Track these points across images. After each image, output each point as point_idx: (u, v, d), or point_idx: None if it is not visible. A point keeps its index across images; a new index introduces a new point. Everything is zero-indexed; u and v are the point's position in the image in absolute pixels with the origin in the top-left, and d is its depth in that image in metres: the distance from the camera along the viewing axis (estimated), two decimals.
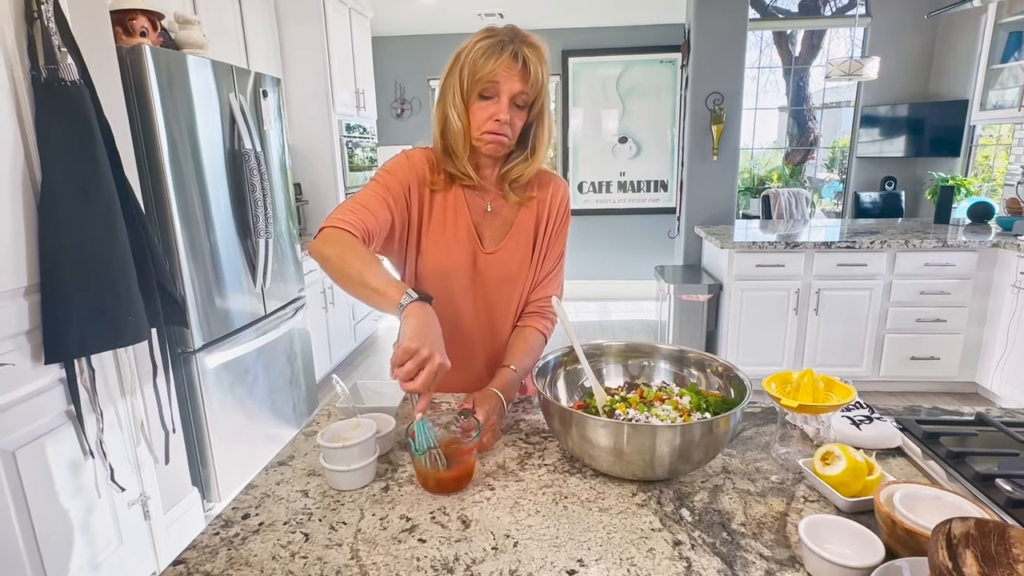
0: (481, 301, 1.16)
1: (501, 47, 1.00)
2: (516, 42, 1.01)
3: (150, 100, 1.94)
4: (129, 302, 1.60)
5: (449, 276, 1.13)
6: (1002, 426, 0.94)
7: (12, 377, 1.43)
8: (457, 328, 1.16)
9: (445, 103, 1.06)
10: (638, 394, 0.98)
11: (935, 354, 3.16)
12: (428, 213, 1.12)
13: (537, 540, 0.73)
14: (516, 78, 1.01)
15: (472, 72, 1.01)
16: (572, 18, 4.86)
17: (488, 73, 1.00)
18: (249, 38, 3.16)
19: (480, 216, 1.15)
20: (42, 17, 1.45)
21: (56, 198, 1.47)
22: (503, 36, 1.02)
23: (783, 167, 7.11)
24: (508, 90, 1.01)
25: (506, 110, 1.02)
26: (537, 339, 1.18)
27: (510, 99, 1.02)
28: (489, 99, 1.03)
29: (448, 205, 1.12)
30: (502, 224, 1.16)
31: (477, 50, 1.01)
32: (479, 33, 1.03)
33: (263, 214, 2.41)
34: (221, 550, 0.73)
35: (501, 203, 1.16)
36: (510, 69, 1.00)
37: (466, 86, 1.03)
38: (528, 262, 1.18)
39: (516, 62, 1.00)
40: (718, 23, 3.55)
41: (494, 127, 1.03)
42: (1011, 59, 3.36)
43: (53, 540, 1.53)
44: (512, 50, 1.00)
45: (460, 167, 1.10)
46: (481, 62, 1.00)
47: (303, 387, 2.94)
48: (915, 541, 0.64)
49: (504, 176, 1.13)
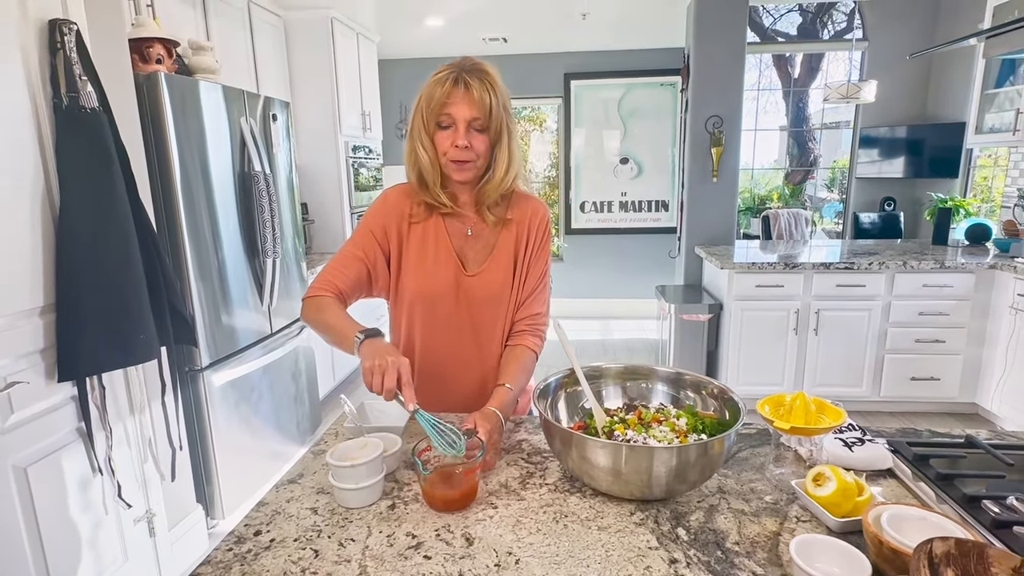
0: (467, 322, 1.22)
1: (450, 78, 1.08)
2: (463, 71, 1.09)
3: (164, 125, 2.00)
4: (141, 321, 1.64)
5: (434, 300, 1.20)
6: (990, 449, 0.96)
7: (26, 395, 1.46)
8: (446, 350, 1.22)
9: (413, 139, 1.15)
10: (636, 415, 1.01)
11: (935, 375, 3.18)
12: (408, 244, 1.20)
13: (538, 557, 0.76)
14: (466, 104, 1.08)
15: (428, 105, 1.10)
16: (574, 42, 4.96)
17: (439, 105, 1.08)
18: (259, 63, 3.24)
19: (462, 240, 1.21)
20: (65, 48, 1.51)
21: (74, 220, 1.52)
22: (452, 68, 1.10)
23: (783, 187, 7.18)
24: (462, 116, 1.09)
25: (463, 135, 1.09)
26: (529, 357, 1.22)
27: (466, 125, 1.09)
28: (447, 128, 1.11)
29: (428, 234, 1.20)
30: (484, 247, 1.22)
31: (431, 84, 1.10)
32: (437, 70, 1.12)
33: (271, 234, 2.46)
34: (234, 565, 0.76)
35: (481, 226, 1.22)
36: (458, 96, 1.08)
37: (426, 119, 1.11)
38: (511, 282, 1.23)
39: (461, 88, 1.08)
40: (717, 48, 3.63)
41: (455, 153, 1.10)
42: (1006, 84, 3.43)
43: (61, 555, 1.56)
44: (456, 78, 1.08)
45: (434, 196, 1.17)
46: (436, 95, 1.08)
47: (307, 404, 2.97)
48: (901, 560, 0.67)
49: (478, 199, 1.20)
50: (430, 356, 1.23)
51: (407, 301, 1.21)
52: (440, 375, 1.23)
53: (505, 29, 4.55)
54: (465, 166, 1.12)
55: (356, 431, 1.04)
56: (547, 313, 1.29)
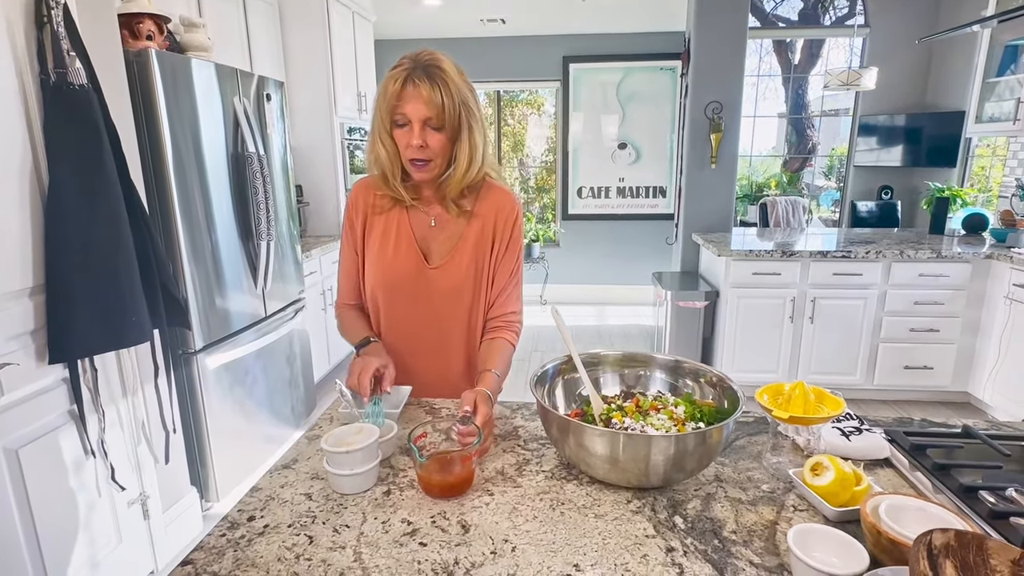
0: (429, 313, 1.22)
1: (404, 76, 1.04)
2: (416, 69, 1.04)
3: (156, 103, 1.96)
4: (132, 303, 1.62)
5: (394, 288, 1.21)
6: (987, 439, 0.96)
7: (16, 376, 1.45)
8: (406, 337, 1.24)
9: (373, 133, 1.13)
10: (634, 403, 1.00)
11: (928, 364, 3.20)
12: (370, 233, 1.21)
13: (535, 545, 0.76)
14: (420, 103, 1.04)
15: (384, 102, 1.07)
16: (573, 24, 4.89)
17: (394, 103, 1.06)
18: (253, 41, 3.18)
19: (424, 231, 1.20)
20: (52, 22, 1.47)
21: (62, 200, 1.49)
22: (406, 64, 1.06)
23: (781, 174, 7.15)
24: (416, 115, 1.05)
25: (418, 134, 1.06)
26: (508, 348, 1.23)
27: (420, 124, 1.06)
28: (404, 126, 1.08)
29: (391, 224, 1.20)
30: (448, 238, 1.20)
31: (387, 81, 1.06)
32: (395, 63, 1.07)
33: (265, 216, 2.43)
34: (228, 551, 0.75)
35: (446, 218, 1.20)
36: (411, 96, 1.04)
37: (383, 116, 1.08)
38: (474, 275, 1.21)
39: (413, 88, 1.04)
40: (718, 32, 3.59)
41: (412, 153, 1.08)
42: (1007, 72, 3.40)
43: (54, 537, 1.55)
44: (408, 77, 1.04)
45: (394, 190, 1.16)
46: (389, 92, 1.05)
47: (302, 388, 2.96)
48: (899, 551, 0.67)
49: (441, 192, 1.18)
50: (392, 345, 1.23)
51: (370, 289, 1.23)
52: (402, 364, 1.21)
53: (504, 10, 4.48)
54: (424, 166, 1.10)
55: (351, 416, 1.03)
56: (521, 311, 1.28)
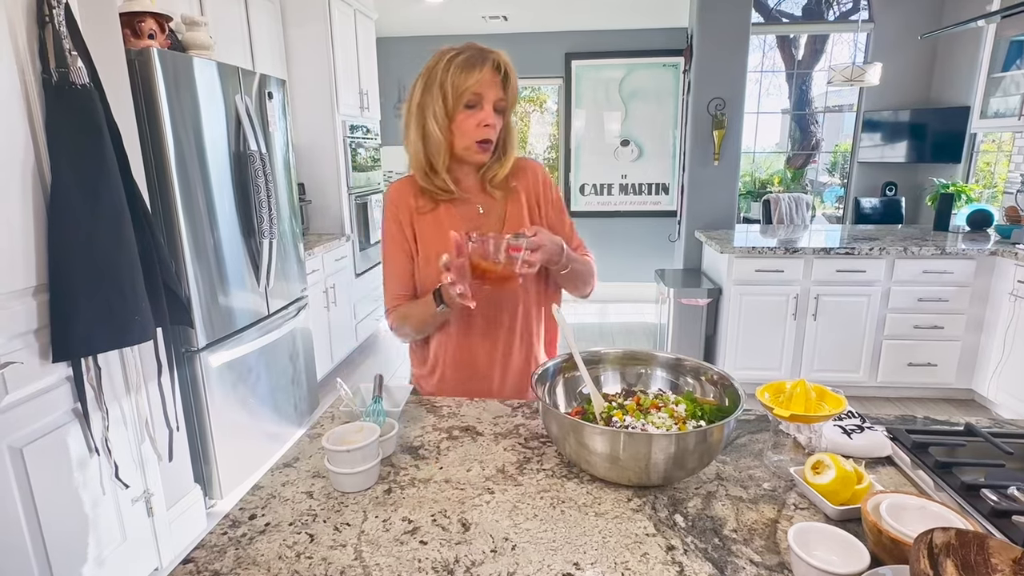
0: (487, 301, 1.20)
1: (481, 59, 1.09)
2: (492, 55, 1.10)
3: (157, 102, 1.96)
4: (135, 302, 1.62)
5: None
6: (989, 437, 0.96)
7: (20, 375, 1.45)
8: (470, 332, 1.23)
9: (425, 120, 1.13)
10: (635, 401, 1.00)
11: (932, 361, 3.19)
12: (421, 235, 1.20)
13: (535, 544, 0.76)
14: (498, 86, 1.11)
15: (456, 86, 1.09)
16: (575, 21, 4.88)
17: (473, 84, 1.08)
18: (255, 40, 3.18)
19: (474, 220, 1.21)
20: (53, 21, 1.47)
21: (65, 199, 1.50)
22: (474, 50, 1.10)
23: (784, 171, 7.13)
24: (491, 97, 1.11)
25: (493, 115, 1.11)
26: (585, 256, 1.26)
27: (492, 105, 1.11)
28: (473, 108, 1.11)
29: (439, 222, 1.19)
30: (496, 221, 1.22)
31: (456, 65, 1.08)
32: (446, 52, 1.11)
33: (267, 214, 2.43)
34: (229, 549, 0.76)
35: (491, 202, 1.22)
36: (493, 78, 1.10)
37: (451, 100, 1.10)
38: None
39: (498, 72, 1.11)
40: (720, 28, 3.57)
41: (484, 133, 1.12)
42: (1012, 67, 3.38)
43: (58, 535, 1.56)
44: (492, 60, 1.10)
45: (440, 183, 1.17)
46: (464, 75, 1.08)
47: (304, 386, 2.97)
48: (899, 550, 0.66)
49: (483, 179, 1.21)
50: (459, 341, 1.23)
51: (425, 288, 1.21)
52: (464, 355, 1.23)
53: (506, 7, 4.46)
54: (488, 146, 1.15)
55: (352, 415, 1.03)
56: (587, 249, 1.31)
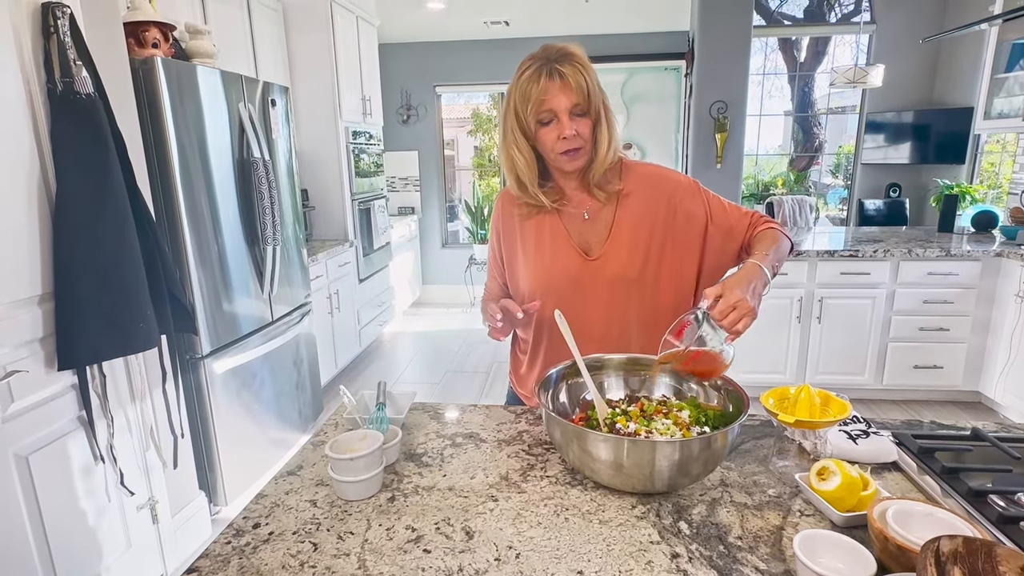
0: (597, 307, 1.18)
1: (538, 72, 1.05)
2: (549, 61, 1.06)
3: (162, 110, 1.98)
4: (140, 310, 1.63)
5: (558, 290, 1.18)
6: (996, 442, 0.95)
7: (26, 383, 1.46)
8: (584, 336, 1.09)
9: (507, 145, 1.13)
10: (639, 407, 1.00)
11: (938, 363, 3.17)
12: (524, 240, 1.21)
13: (539, 551, 0.76)
14: (562, 94, 1.05)
15: (524, 104, 1.07)
16: (577, 25, 4.89)
17: (536, 102, 1.06)
18: (258, 47, 3.20)
19: (580, 227, 1.19)
20: (58, 32, 1.49)
21: (70, 208, 1.51)
22: (537, 59, 1.07)
23: (788, 173, 7.11)
24: (561, 107, 1.06)
25: (568, 125, 1.07)
26: (773, 234, 1.13)
27: (567, 113, 1.07)
28: (549, 124, 1.08)
29: (543, 227, 1.20)
30: (604, 227, 1.18)
31: (521, 84, 1.07)
32: (520, 66, 1.09)
33: (271, 221, 2.44)
34: (233, 559, 0.76)
35: (597, 207, 1.19)
36: (553, 88, 1.05)
37: (525, 120, 1.08)
38: (643, 254, 1.16)
39: (554, 80, 1.05)
40: (722, 32, 3.58)
41: (564, 145, 1.09)
42: (1016, 68, 3.37)
43: (64, 543, 1.56)
44: (550, 71, 1.05)
45: (534, 198, 1.16)
46: (530, 92, 1.06)
47: (309, 392, 2.97)
48: (906, 557, 0.66)
49: (584, 182, 1.18)
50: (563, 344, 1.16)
51: (529, 294, 1.20)
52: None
53: (507, 12, 4.48)
54: (576, 154, 1.10)
55: (355, 422, 1.03)
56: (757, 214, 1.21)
